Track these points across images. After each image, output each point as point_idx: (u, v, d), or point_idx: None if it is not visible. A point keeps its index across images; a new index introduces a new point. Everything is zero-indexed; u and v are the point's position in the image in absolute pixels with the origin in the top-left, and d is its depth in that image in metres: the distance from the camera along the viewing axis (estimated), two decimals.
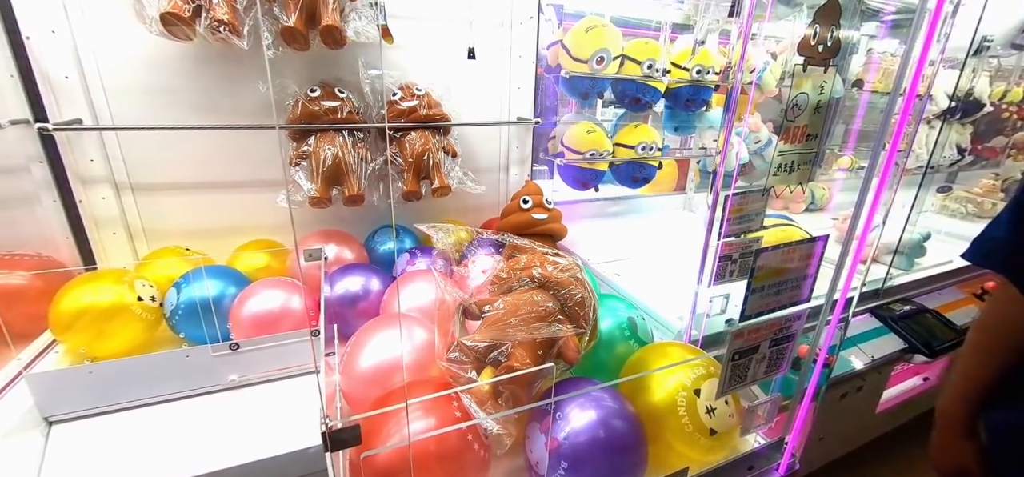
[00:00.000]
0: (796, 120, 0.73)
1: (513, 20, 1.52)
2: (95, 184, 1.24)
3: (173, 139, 1.27)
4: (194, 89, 1.25)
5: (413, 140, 1.32)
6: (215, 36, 1.04)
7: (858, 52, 2.19)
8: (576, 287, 0.88)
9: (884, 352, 1.52)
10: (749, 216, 1.00)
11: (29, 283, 1.08)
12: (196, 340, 1.08)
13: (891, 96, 0.70)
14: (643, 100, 1.61)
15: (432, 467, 0.71)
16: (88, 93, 1.17)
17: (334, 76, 1.35)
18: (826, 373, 0.93)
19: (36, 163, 1.15)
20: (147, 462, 0.87)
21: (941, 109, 2.13)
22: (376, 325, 0.97)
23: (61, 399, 0.94)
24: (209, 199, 1.37)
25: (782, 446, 0.96)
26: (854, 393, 1.57)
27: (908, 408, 1.90)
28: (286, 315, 1.09)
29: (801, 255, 0.68)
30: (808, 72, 0.69)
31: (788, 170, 0.81)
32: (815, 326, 0.84)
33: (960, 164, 2.48)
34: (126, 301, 1.03)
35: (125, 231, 1.30)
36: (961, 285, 1.91)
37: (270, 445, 0.89)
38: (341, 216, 1.45)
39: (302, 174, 1.25)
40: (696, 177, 2.24)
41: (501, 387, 0.77)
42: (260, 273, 1.27)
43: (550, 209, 1.42)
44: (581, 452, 0.75)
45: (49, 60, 1.11)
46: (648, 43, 1.54)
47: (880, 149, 0.72)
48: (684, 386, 0.85)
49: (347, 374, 0.91)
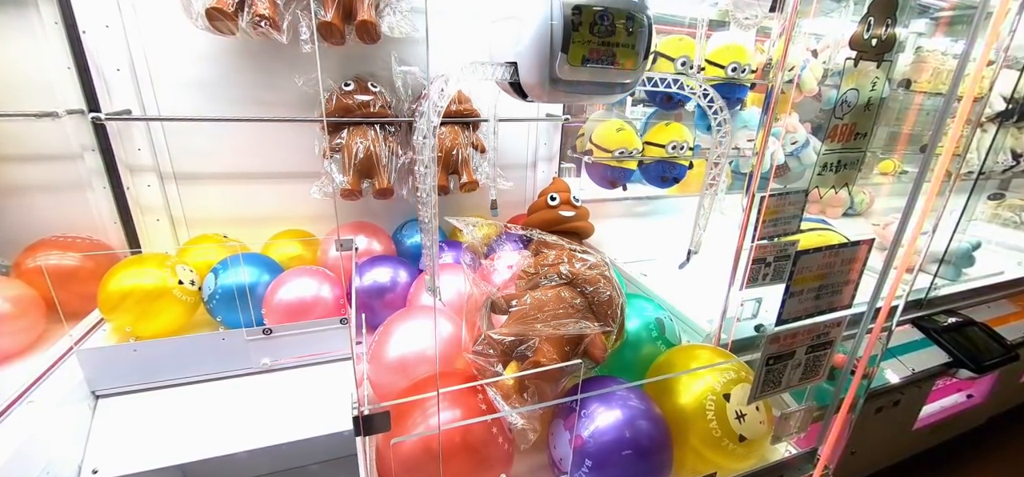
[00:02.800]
0: (844, 118, 0.70)
1: None
2: (141, 172, 1.30)
3: (213, 130, 1.32)
4: (234, 82, 1.30)
5: (443, 135, 1.34)
6: (256, 31, 1.07)
7: (905, 50, 2.09)
8: (604, 285, 0.87)
9: (926, 365, 1.45)
10: (786, 219, 0.97)
11: (81, 264, 1.15)
12: (231, 324, 1.12)
13: (946, 98, 0.67)
14: (675, 98, 1.57)
15: (457, 457, 0.72)
16: (137, 85, 1.22)
17: (367, 71, 1.37)
18: (865, 385, 0.89)
19: (89, 151, 1.22)
20: (185, 438, 0.91)
21: (996, 111, 2.00)
22: (403, 316, 0.98)
23: (108, 374, 0.99)
24: (245, 189, 1.41)
25: (814, 457, 0.93)
26: (891, 407, 1.50)
27: (948, 427, 1.81)
28: (317, 303, 1.12)
29: (844, 259, 0.65)
30: (859, 67, 0.66)
31: (833, 170, 0.78)
32: (855, 334, 0.81)
33: (1015, 170, 2.33)
34: (168, 284, 1.08)
35: (168, 218, 1.36)
36: (1014, 298, 1.80)
37: (300, 428, 0.91)
38: (371, 209, 1.48)
39: (334, 166, 1.27)
40: (728, 178, 2.17)
41: (527, 382, 0.77)
42: (293, 261, 1.30)
43: (578, 206, 1.40)
44: (605, 451, 0.75)
45: (102, 53, 1.17)
46: (682, 40, 1.51)
47: (932, 154, 0.68)
48: (713, 390, 0.83)
49: (375, 363, 0.93)
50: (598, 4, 0.61)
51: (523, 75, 0.66)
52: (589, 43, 0.61)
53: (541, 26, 0.60)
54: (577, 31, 0.60)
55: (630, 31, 0.63)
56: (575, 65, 0.62)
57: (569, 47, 0.60)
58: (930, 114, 2.11)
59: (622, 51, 0.64)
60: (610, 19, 0.62)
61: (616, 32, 0.62)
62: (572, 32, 0.60)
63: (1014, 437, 2.09)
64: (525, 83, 0.67)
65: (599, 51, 0.62)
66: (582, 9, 0.60)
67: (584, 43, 0.61)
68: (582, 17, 0.60)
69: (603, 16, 0.61)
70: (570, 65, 0.62)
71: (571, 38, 0.60)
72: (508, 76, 0.67)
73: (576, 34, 0.60)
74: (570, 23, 0.59)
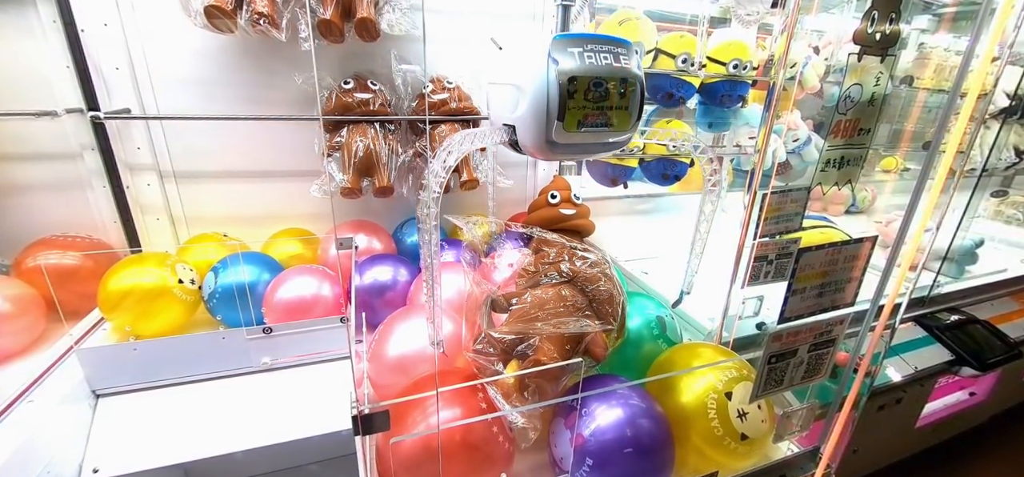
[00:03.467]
0: (847, 113, 0.69)
1: (545, 12, 1.50)
2: (141, 171, 1.29)
3: (213, 129, 1.32)
4: (234, 81, 1.29)
5: (443, 132, 1.33)
6: (255, 28, 1.07)
7: (908, 47, 2.07)
8: (605, 283, 0.87)
9: (928, 363, 1.44)
10: (788, 216, 0.96)
11: (81, 263, 1.14)
12: (232, 323, 1.12)
13: (950, 95, 0.66)
14: (676, 95, 1.57)
15: (457, 457, 0.72)
16: (136, 84, 1.22)
17: (367, 68, 1.37)
18: (867, 383, 0.88)
19: (89, 150, 1.22)
20: (186, 437, 0.91)
21: (1000, 108, 1.99)
22: (403, 315, 0.98)
23: (108, 373, 0.99)
24: (245, 188, 1.41)
25: (817, 456, 0.92)
26: (893, 405, 1.49)
27: (951, 424, 1.80)
28: (317, 302, 1.12)
29: (847, 257, 0.64)
30: (863, 62, 0.65)
31: (836, 166, 0.77)
32: (858, 332, 0.80)
33: (1017, 167, 2.32)
34: (168, 283, 1.08)
35: (168, 217, 1.36)
36: (1016, 296, 1.79)
37: (300, 427, 0.91)
38: (371, 207, 1.48)
39: (334, 165, 1.27)
40: (729, 176, 2.17)
41: (527, 380, 0.76)
42: (293, 260, 1.30)
43: (578, 205, 1.40)
44: (606, 450, 0.74)
45: (101, 52, 1.16)
46: (683, 37, 1.50)
47: (936, 151, 0.68)
48: (715, 389, 0.83)
49: (375, 361, 0.92)
50: (592, 73, 0.64)
51: (521, 138, 0.69)
52: (584, 109, 0.65)
53: (538, 95, 0.64)
54: (572, 99, 0.63)
55: (623, 94, 0.67)
56: (570, 130, 0.65)
57: (565, 115, 0.64)
58: (933, 111, 2.10)
59: (616, 114, 0.68)
60: (604, 86, 0.65)
61: (610, 96, 0.66)
62: (567, 100, 0.63)
63: (1016, 435, 2.08)
64: (523, 145, 0.70)
65: (594, 115, 0.66)
66: (577, 79, 0.63)
67: (579, 109, 0.65)
68: (577, 85, 0.63)
69: (597, 83, 0.65)
70: (566, 131, 0.65)
71: (566, 106, 0.63)
72: (507, 137, 0.71)
73: (571, 101, 0.63)
74: (565, 92, 0.63)
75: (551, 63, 0.62)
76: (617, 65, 0.65)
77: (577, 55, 0.63)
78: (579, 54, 0.63)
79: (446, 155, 0.67)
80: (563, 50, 0.63)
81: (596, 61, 0.64)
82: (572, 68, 0.62)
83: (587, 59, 0.64)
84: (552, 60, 0.62)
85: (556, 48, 0.63)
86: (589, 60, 0.64)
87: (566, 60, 0.62)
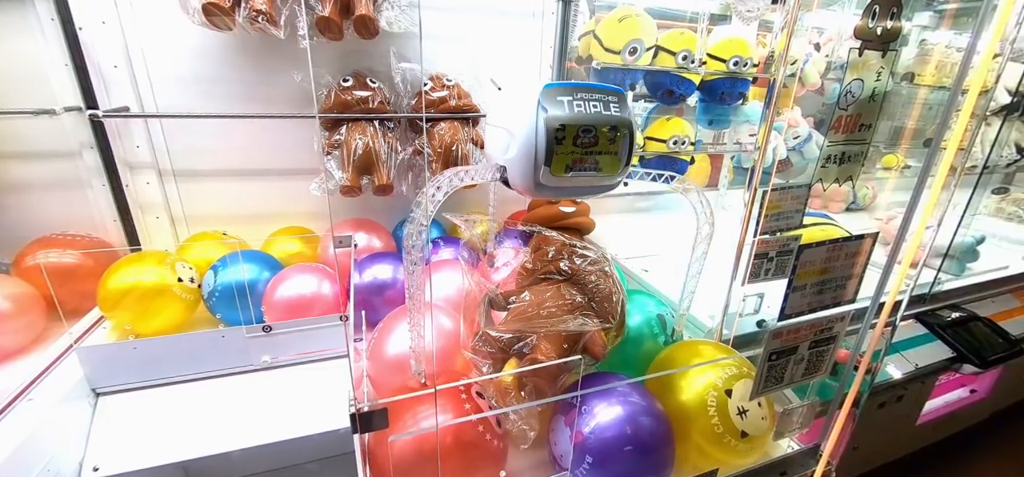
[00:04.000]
0: (848, 109, 0.69)
1: (545, 9, 1.50)
2: (140, 170, 1.29)
3: (212, 127, 1.31)
4: (232, 79, 1.29)
5: (442, 130, 1.33)
6: (253, 25, 1.07)
7: (909, 44, 2.07)
8: (604, 281, 0.87)
9: (929, 360, 1.44)
10: (788, 213, 0.96)
11: (80, 262, 1.14)
12: (231, 321, 1.12)
13: (952, 92, 0.66)
14: (677, 93, 1.56)
15: (450, 457, 0.71)
16: (135, 82, 1.22)
17: (366, 66, 1.36)
18: (868, 380, 0.88)
19: (88, 149, 1.22)
20: (186, 435, 0.91)
21: (1001, 105, 1.98)
22: (402, 313, 0.98)
23: (108, 372, 0.98)
24: (245, 186, 1.41)
25: (817, 453, 0.92)
26: (894, 402, 1.49)
27: (952, 422, 1.80)
28: (317, 300, 1.12)
29: (847, 253, 0.64)
30: (864, 57, 0.65)
31: (837, 162, 0.77)
32: (859, 330, 0.80)
33: (1018, 164, 2.31)
34: (168, 282, 1.08)
35: (167, 215, 1.36)
36: (1018, 293, 1.79)
37: (300, 425, 0.91)
38: (370, 205, 1.48)
39: (333, 163, 1.27)
40: (729, 173, 2.16)
41: (525, 380, 0.76)
42: (292, 259, 1.30)
43: (578, 203, 1.40)
44: (606, 447, 0.74)
45: (100, 50, 1.16)
46: (683, 34, 1.50)
47: (937, 148, 0.67)
48: (715, 386, 0.83)
49: (374, 360, 0.92)
50: (581, 122, 0.66)
51: (511, 178, 0.73)
52: (572, 154, 0.67)
53: (527, 141, 0.66)
54: (560, 145, 0.65)
55: (612, 140, 0.69)
56: (558, 174, 0.68)
57: (552, 161, 0.66)
58: (933, 109, 2.09)
59: (604, 159, 0.70)
60: (593, 132, 0.67)
61: (599, 142, 0.68)
62: (555, 146, 0.65)
63: (1018, 433, 2.08)
64: (514, 185, 0.74)
65: (582, 160, 0.68)
66: (566, 126, 0.65)
67: (567, 155, 0.67)
68: (565, 132, 0.65)
69: (586, 130, 0.66)
70: (553, 175, 0.67)
71: (554, 152, 0.65)
72: (500, 176, 0.75)
73: (559, 147, 0.66)
74: (553, 138, 0.65)
75: (540, 111, 0.64)
76: (607, 113, 0.67)
77: (566, 104, 0.65)
78: (569, 103, 0.65)
79: (435, 190, 0.69)
80: (553, 99, 0.65)
81: (585, 110, 0.66)
82: (561, 116, 0.65)
83: (576, 108, 0.66)
84: (541, 108, 0.64)
85: (546, 97, 0.65)
86: (578, 109, 0.66)
87: (555, 109, 0.65)
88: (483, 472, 0.74)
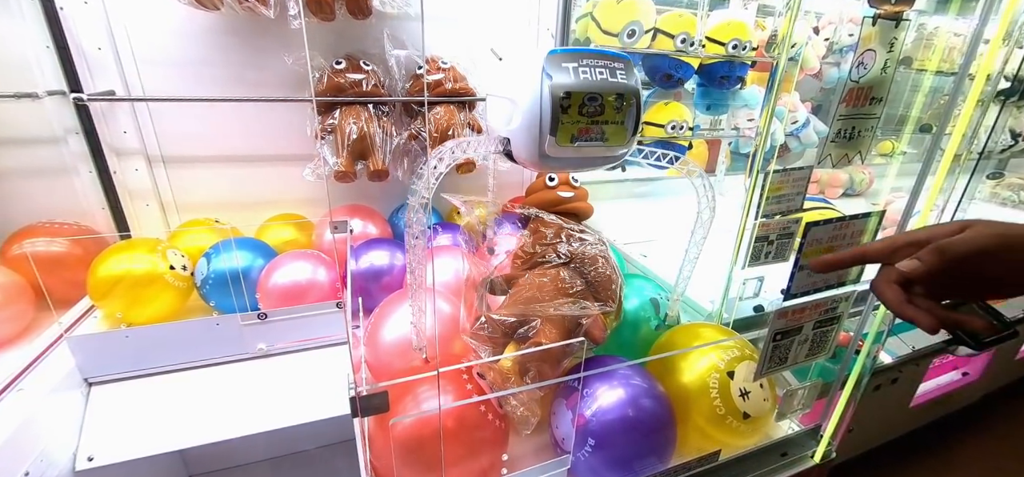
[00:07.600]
0: (860, 80, 0.68)
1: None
2: (128, 156, 1.26)
3: (202, 112, 1.28)
4: (221, 61, 1.25)
5: (438, 115, 1.30)
6: (242, 5, 1.03)
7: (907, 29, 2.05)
8: (603, 265, 0.86)
9: (926, 342, 1.45)
10: (789, 196, 0.96)
11: (68, 250, 1.12)
12: (225, 309, 1.10)
13: (957, 78, 0.65)
14: (675, 76, 1.55)
15: (451, 439, 0.70)
16: (120, 64, 1.18)
17: (359, 48, 1.33)
18: (869, 362, 0.88)
19: (73, 134, 1.18)
20: (181, 424, 0.89)
21: (998, 90, 1.98)
22: (399, 298, 0.96)
23: (100, 361, 0.97)
24: (237, 172, 1.38)
25: (817, 434, 0.93)
26: (889, 385, 1.50)
27: (943, 404, 1.82)
28: (312, 287, 1.10)
29: (854, 232, 0.63)
30: (878, 26, 0.64)
31: (847, 137, 0.76)
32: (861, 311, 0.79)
33: (1013, 150, 2.32)
34: (159, 270, 1.05)
35: (157, 203, 1.33)
36: None
37: (297, 412, 0.90)
38: (365, 191, 1.45)
39: (327, 148, 1.24)
40: (727, 159, 2.15)
41: (528, 364, 0.75)
42: (287, 246, 1.28)
43: (576, 187, 1.38)
44: (608, 430, 0.74)
45: (82, 31, 1.12)
46: (682, 16, 1.48)
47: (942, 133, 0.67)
48: (716, 368, 0.82)
49: (371, 346, 0.91)
50: (587, 88, 0.63)
51: (515, 150, 0.70)
52: (578, 123, 0.65)
53: (531, 110, 0.64)
54: (566, 113, 0.63)
55: (619, 109, 0.66)
56: (564, 144, 0.65)
57: (557, 130, 0.64)
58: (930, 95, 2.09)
59: (611, 128, 0.67)
60: (599, 100, 0.65)
61: (605, 111, 0.66)
62: (561, 115, 0.63)
63: (1008, 413, 2.11)
64: (517, 157, 0.71)
65: (588, 130, 0.66)
66: (572, 94, 0.63)
67: (573, 124, 0.64)
68: (571, 100, 0.63)
69: (592, 98, 0.64)
70: (559, 145, 0.65)
71: (560, 121, 0.63)
72: (502, 149, 0.72)
73: (565, 116, 0.63)
74: (559, 107, 0.63)
75: (545, 78, 0.62)
76: (613, 80, 0.65)
77: (572, 70, 0.63)
78: (574, 69, 0.63)
79: (437, 161, 0.67)
80: (558, 65, 0.63)
81: (591, 76, 0.64)
82: (566, 83, 0.62)
83: (582, 74, 0.63)
84: (546, 75, 0.62)
85: (550, 63, 0.63)
86: (584, 75, 0.64)
87: (560, 75, 0.62)
88: (485, 455, 0.73)
